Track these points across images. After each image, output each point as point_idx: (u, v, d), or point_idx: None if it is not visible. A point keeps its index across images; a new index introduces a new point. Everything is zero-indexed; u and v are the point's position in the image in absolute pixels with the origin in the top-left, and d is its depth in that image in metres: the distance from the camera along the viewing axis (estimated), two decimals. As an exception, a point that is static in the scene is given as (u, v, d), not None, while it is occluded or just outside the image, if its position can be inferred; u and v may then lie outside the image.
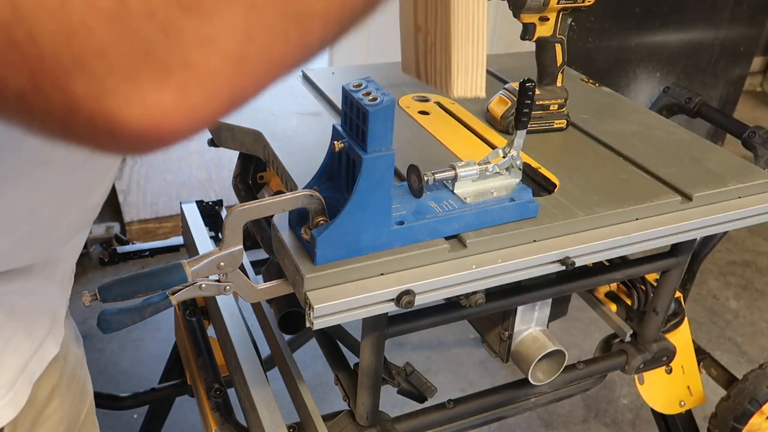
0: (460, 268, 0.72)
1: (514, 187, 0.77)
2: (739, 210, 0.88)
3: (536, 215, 0.78)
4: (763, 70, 3.68)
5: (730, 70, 2.79)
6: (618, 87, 2.56)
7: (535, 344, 0.94)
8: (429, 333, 1.92)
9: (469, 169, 0.74)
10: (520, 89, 0.72)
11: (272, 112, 0.99)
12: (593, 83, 1.21)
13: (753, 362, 1.92)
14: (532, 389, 1.01)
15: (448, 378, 1.83)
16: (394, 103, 0.62)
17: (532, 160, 0.91)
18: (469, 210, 0.73)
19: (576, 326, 1.98)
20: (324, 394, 1.65)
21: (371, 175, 0.65)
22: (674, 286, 1.02)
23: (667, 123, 1.08)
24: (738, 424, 1.16)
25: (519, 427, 1.70)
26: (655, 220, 0.84)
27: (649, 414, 1.41)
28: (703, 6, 2.57)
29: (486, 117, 1.04)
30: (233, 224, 0.66)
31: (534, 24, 0.95)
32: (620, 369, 1.09)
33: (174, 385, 1.39)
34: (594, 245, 0.79)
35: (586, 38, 2.39)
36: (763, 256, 2.39)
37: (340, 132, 0.68)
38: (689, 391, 1.21)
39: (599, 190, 0.85)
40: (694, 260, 1.23)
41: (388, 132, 0.64)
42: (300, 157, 0.87)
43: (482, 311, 0.86)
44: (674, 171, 0.91)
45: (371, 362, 0.82)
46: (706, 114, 1.27)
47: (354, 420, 0.87)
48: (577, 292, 1.04)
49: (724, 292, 2.21)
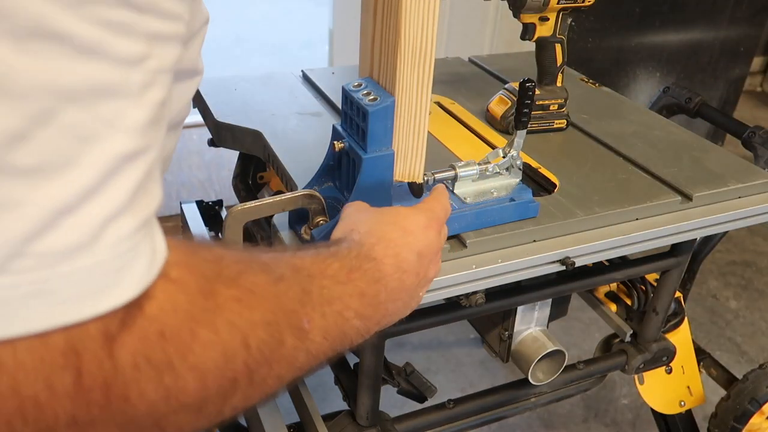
0: (460, 268, 0.72)
1: (514, 187, 0.77)
2: (739, 210, 0.88)
3: (536, 215, 0.78)
4: (763, 70, 3.68)
5: (730, 70, 2.79)
6: (618, 87, 2.56)
7: (535, 344, 0.94)
8: (429, 333, 1.92)
9: (469, 169, 0.74)
10: (520, 89, 0.72)
11: (272, 112, 0.99)
12: (593, 83, 1.21)
13: (753, 362, 1.92)
14: (532, 389, 1.01)
15: (448, 378, 1.83)
16: (394, 102, 0.62)
17: (532, 160, 0.91)
18: (469, 210, 0.73)
19: (576, 326, 1.98)
20: (324, 394, 1.64)
21: (371, 175, 0.65)
22: (674, 286, 1.02)
23: (667, 123, 1.07)
24: (738, 424, 1.16)
25: (519, 427, 1.70)
26: (655, 220, 0.84)
27: (649, 414, 1.41)
28: (703, 6, 2.57)
29: (486, 117, 1.04)
30: (233, 224, 0.66)
31: (534, 24, 0.95)
32: (620, 369, 1.08)
33: (174, 385, 1.38)
34: (594, 245, 0.79)
35: (586, 38, 2.39)
36: (763, 256, 2.39)
37: (340, 132, 0.68)
38: (689, 391, 1.21)
39: (599, 190, 0.85)
40: (694, 260, 1.22)
41: (388, 132, 0.64)
42: (300, 157, 0.87)
43: (482, 311, 0.86)
44: (674, 171, 0.91)
45: (371, 362, 0.82)
46: (706, 114, 1.27)
47: (354, 420, 0.87)
48: (577, 292, 1.04)
49: (724, 292, 2.21)
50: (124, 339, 0.33)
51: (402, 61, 0.59)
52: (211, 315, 0.37)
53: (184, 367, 0.36)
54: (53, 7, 0.28)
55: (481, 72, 1.24)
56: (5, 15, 0.27)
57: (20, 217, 0.29)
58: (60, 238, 0.30)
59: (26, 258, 0.29)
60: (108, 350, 0.32)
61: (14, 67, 0.28)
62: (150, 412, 0.35)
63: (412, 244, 0.55)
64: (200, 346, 0.36)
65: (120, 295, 0.32)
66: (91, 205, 0.31)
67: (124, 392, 0.33)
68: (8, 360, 0.29)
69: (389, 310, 0.54)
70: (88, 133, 0.31)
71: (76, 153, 0.30)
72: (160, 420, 0.36)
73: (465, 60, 1.29)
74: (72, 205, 0.30)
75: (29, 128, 0.29)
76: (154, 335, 0.34)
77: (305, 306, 0.44)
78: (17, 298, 0.29)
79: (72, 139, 0.30)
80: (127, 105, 0.32)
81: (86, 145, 0.31)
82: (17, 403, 0.30)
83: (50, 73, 0.29)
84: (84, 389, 0.31)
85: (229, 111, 0.98)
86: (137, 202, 0.33)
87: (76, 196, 0.30)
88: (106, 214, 0.31)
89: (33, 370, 0.30)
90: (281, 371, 0.42)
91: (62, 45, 0.29)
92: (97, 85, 0.31)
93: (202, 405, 0.38)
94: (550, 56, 0.99)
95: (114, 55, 0.31)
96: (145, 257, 0.34)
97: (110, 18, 0.30)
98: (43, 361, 0.30)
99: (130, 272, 0.33)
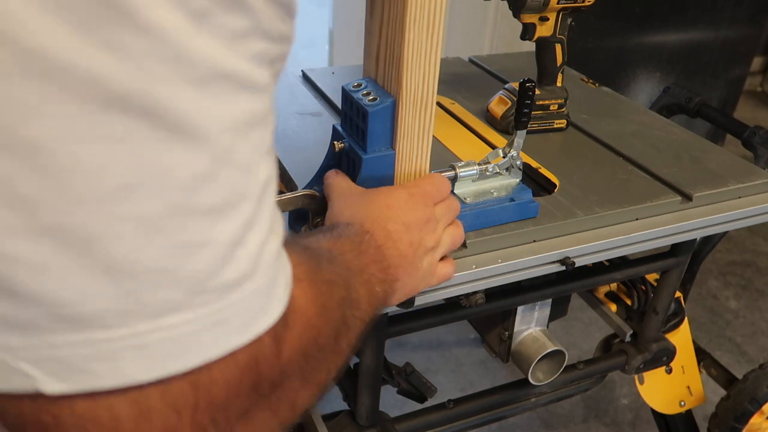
0: (460, 268, 0.72)
1: (514, 187, 0.77)
2: (739, 210, 0.88)
3: (536, 215, 0.78)
4: (763, 70, 3.68)
5: (730, 70, 2.79)
6: (618, 87, 2.56)
7: (535, 344, 0.94)
8: (429, 333, 1.92)
9: (469, 169, 0.74)
10: (520, 89, 0.72)
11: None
12: (593, 83, 1.21)
13: (753, 362, 1.92)
14: (532, 389, 1.01)
15: (448, 378, 1.83)
16: (394, 103, 0.62)
17: (532, 160, 0.91)
18: (469, 210, 0.73)
19: (576, 326, 1.98)
20: (324, 394, 1.64)
21: (371, 175, 0.65)
22: (674, 286, 1.02)
23: (667, 123, 1.07)
24: (738, 424, 1.16)
25: (519, 427, 1.70)
26: (655, 220, 0.84)
27: (649, 414, 1.41)
28: (703, 6, 2.57)
29: (486, 117, 1.04)
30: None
31: (534, 24, 0.95)
32: (620, 369, 1.09)
33: (174, 385, 1.38)
34: (594, 245, 0.79)
35: (586, 38, 2.39)
36: (763, 256, 2.39)
37: (340, 132, 0.68)
38: (689, 391, 1.21)
39: (599, 190, 0.85)
40: (694, 260, 1.22)
41: (388, 132, 0.64)
42: (300, 157, 0.87)
43: (482, 311, 0.86)
44: (674, 171, 0.91)
45: (371, 362, 0.82)
46: (706, 114, 1.27)
47: (354, 420, 0.87)
48: (577, 292, 1.04)
49: (724, 292, 2.21)
50: (287, 338, 0.37)
51: (407, 57, 0.59)
52: (324, 299, 0.43)
53: (318, 352, 0.41)
54: (221, 49, 0.29)
55: (481, 72, 1.24)
56: (183, 60, 0.28)
57: (205, 256, 0.31)
58: (233, 271, 0.32)
59: (207, 293, 0.31)
60: (278, 352, 0.36)
61: (197, 109, 0.29)
62: (290, 393, 0.40)
63: (395, 216, 0.59)
64: (324, 335, 0.42)
65: (278, 306, 0.36)
66: (252, 233, 0.33)
67: (282, 382, 0.38)
68: (204, 380, 0.32)
69: (398, 276, 0.58)
70: (251, 165, 0.32)
71: (246, 186, 0.32)
72: (295, 399, 0.40)
73: (465, 60, 1.29)
74: (241, 237, 0.32)
75: (214, 168, 0.30)
76: (305, 328, 0.39)
77: (350, 280, 0.50)
78: (196, 332, 0.31)
79: (244, 173, 0.32)
80: (267, 130, 0.34)
81: (251, 178, 0.32)
82: (212, 411, 0.33)
83: (227, 112, 0.30)
84: (259, 387, 0.36)
85: (229, 111, 0.98)
86: (275, 221, 0.36)
87: (243, 228, 0.32)
88: (262, 239, 0.34)
89: (225, 382, 0.33)
90: (351, 338, 0.48)
91: (231, 83, 0.30)
92: (253, 117, 0.32)
93: (320, 384, 0.43)
94: (550, 56, 0.99)
95: (261, 86, 0.32)
96: (287, 267, 0.38)
97: (256, 50, 0.31)
98: (234, 374, 0.34)
99: (283, 285, 0.37)
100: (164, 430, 0.32)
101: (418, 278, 0.62)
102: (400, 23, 0.58)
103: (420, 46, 0.59)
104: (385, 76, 0.62)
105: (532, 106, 0.73)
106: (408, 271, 0.60)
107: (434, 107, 0.63)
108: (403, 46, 0.58)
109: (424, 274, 0.62)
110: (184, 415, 0.32)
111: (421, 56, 0.59)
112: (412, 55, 0.59)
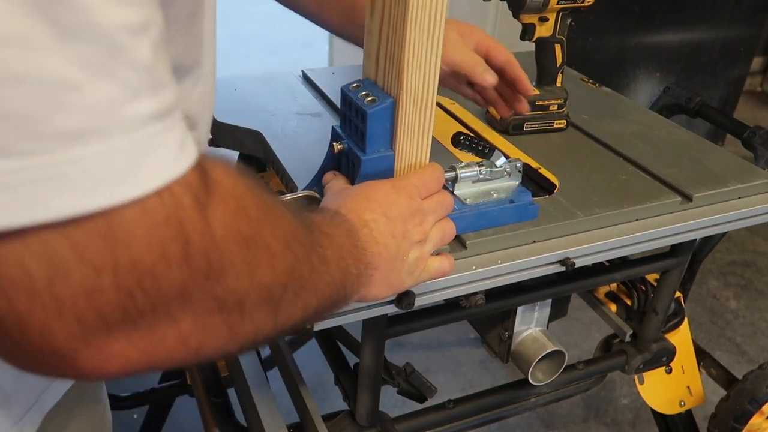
0: (460, 269, 0.72)
1: (514, 189, 0.77)
2: (739, 210, 0.88)
3: (536, 218, 0.77)
4: (763, 70, 3.68)
5: (730, 70, 2.79)
6: (618, 87, 2.56)
7: (535, 344, 0.94)
8: (429, 333, 1.92)
9: (469, 171, 0.74)
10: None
11: (272, 112, 0.99)
12: (593, 83, 1.21)
13: (753, 362, 1.92)
14: (532, 389, 1.01)
15: (448, 378, 1.83)
16: (392, 103, 0.62)
17: (532, 160, 0.91)
18: (468, 211, 0.73)
19: (576, 326, 1.98)
20: (324, 394, 1.64)
21: (370, 176, 0.65)
22: (674, 287, 1.02)
23: (667, 123, 1.07)
24: (738, 424, 1.16)
25: (519, 427, 1.70)
26: (655, 221, 0.84)
27: (649, 414, 1.41)
28: (703, 6, 2.57)
29: (486, 117, 1.04)
30: (233, 225, 0.65)
31: (534, 24, 0.95)
32: (620, 369, 1.08)
33: (174, 385, 1.38)
34: (594, 246, 0.79)
35: (586, 38, 2.39)
36: (763, 256, 2.39)
37: (339, 133, 0.68)
38: (689, 391, 1.21)
39: (599, 191, 0.85)
40: (694, 260, 1.22)
41: (387, 133, 0.64)
42: (300, 157, 0.87)
43: (482, 312, 0.86)
44: (674, 171, 0.91)
45: (371, 362, 0.81)
46: (706, 114, 1.27)
47: (354, 420, 0.87)
48: (577, 293, 1.04)
49: (724, 292, 2.21)
50: (215, 208, 0.36)
51: (408, 58, 0.59)
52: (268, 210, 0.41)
53: (261, 244, 0.40)
54: None
55: (481, 72, 1.23)
56: None
57: (26, 93, 0.29)
58: (66, 121, 0.30)
59: (36, 141, 0.29)
60: (204, 219, 0.35)
61: None
62: (236, 287, 0.38)
63: (374, 207, 0.58)
64: (268, 232, 0.41)
65: (171, 167, 0.33)
66: (96, 80, 0.30)
67: (220, 263, 0.36)
68: (118, 235, 0.31)
69: (378, 264, 0.57)
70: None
71: (86, 23, 0.29)
72: (243, 301, 0.39)
73: (465, 60, 1.28)
74: (76, 80, 0.30)
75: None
76: (238, 210, 0.38)
77: (320, 239, 0.49)
78: (33, 181, 0.29)
79: (80, 7, 0.29)
80: None
81: (93, 14, 0.29)
82: (137, 275, 0.32)
83: None
84: (191, 258, 0.34)
85: (228, 111, 0.98)
86: (158, 86, 0.33)
87: (78, 69, 0.29)
88: (115, 94, 0.31)
89: (146, 242, 0.32)
90: (315, 287, 0.47)
91: None
92: None
93: (270, 293, 0.42)
94: (549, 56, 0.99)
95: None
96: (182, 139, 0.34)
97: None
98: (153, 233, 0.32)
99: (173, 150, 0.33)
100: (84, 291, 0.31)
101: (403, 271, 0.60)
102: (401, 23, 0.58)
103: (421, 46, 0.59)
104: (385, 76, 0.62)
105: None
106: (391, 264, 0.58)
107: (434, 107, 0.63)
108: (403, 47, 0.58)
109: (410, 268, 0.60)
110: (105, 275, 0.31)
111: (422, 56, 0.59)
112: (412, 55, 0.59)
